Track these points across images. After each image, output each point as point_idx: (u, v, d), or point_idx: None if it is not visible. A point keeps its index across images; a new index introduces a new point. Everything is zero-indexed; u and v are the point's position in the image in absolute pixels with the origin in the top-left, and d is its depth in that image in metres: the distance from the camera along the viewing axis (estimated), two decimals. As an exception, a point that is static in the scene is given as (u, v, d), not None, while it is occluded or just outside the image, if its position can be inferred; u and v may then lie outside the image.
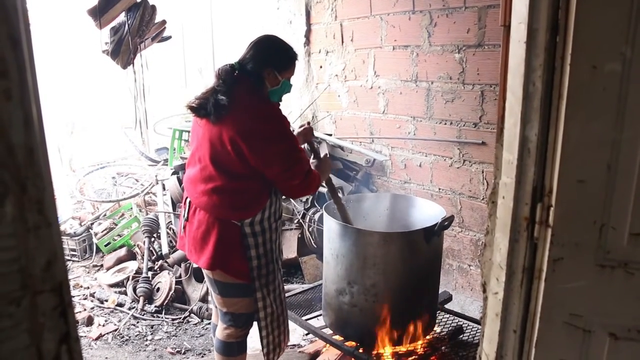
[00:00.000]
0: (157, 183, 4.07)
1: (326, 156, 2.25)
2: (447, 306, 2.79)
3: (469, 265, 3.15)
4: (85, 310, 3.19)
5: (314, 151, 2.29)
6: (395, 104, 3.37)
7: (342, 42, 3.67)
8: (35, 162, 0.55)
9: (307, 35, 3.95)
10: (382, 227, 2.64)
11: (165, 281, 3.28)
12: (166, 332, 3.01)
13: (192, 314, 3.19)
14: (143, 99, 4.33)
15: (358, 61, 3.57)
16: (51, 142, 4.73)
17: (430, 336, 2.44)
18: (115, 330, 2.99)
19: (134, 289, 3.28)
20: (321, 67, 3.91)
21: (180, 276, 3.35)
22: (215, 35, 6.80)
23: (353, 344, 2.32)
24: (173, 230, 3.64)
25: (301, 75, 4.03)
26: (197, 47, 6.89)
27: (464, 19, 2.84)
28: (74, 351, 0.62)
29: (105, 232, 3.92)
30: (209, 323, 2.90)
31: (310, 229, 3.55)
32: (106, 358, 2.74)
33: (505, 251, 1.12)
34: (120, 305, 3.25)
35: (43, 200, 0.56)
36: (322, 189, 3.43)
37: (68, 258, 3.86)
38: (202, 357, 2.79)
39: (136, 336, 2.95)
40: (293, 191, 2.05)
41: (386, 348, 2.29)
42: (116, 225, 3.99)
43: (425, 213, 2.50)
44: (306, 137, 2.25)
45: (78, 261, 3.89)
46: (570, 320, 1.08)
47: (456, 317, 2.63)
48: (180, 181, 3.65)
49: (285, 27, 4.09)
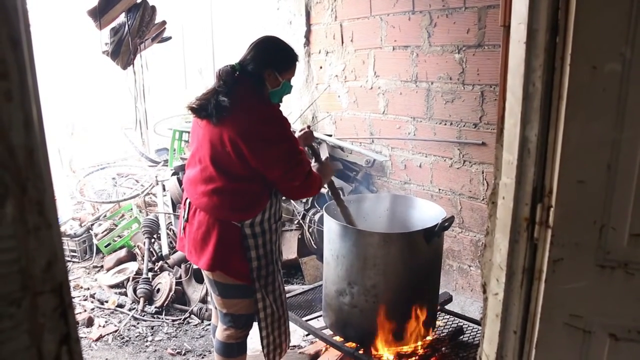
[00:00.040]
0: (157, 184, 4.07)
1: (327, 159, 2.24)
2: (448, 307, 2.79)
3: (469, 266, 3.15)
4: (85, 311, 3.19)
5: (316, 154, 2.29)
6: (395, 105, 3.37)
7: (342, 43, 3.67)
8: (35, 163, 0.55)
9: (307, 35, 3.95)
10: (382, 228, 2.64)
11: (165, 282, 3.28)
12: (166, 333, 3.01)
13: (193, 315, 3.19)
14: (143, 100, 4.33)
15: (358, 62, 3.57)
16: (51, 143, 4.75)
17: (430, 337, 2.44)
18: (115, 331, 2.99)
19: (134, 290, 3.28)
20: (321, 68, 3.91)
21: (180, 277, 3.34)
22: (215, 35, 6.81)
23: (353, 345, 2.32)
24: (173, 231, 3.64)
25: (301, 75, 4.03)
26: (197, 48, 6.90)
27: (464, 20, 2.84)
28: (75, 352, 0.62)
29: (105, 233, 3.91)
30: (209, 324, 2.89)
31: (310, 230, 3.55)
32: (106, 359, 2.74)
33: (505, 252, 1.12)
34: (120, 306, 3.25)
35: (43, 201, 0.56)
36: (323, 190, 3.44)
37: (68, 259, 3.86)
38: (202, 358, 2.79)
39: (136, 337, 2.95)
40: (294, 192, 2.05)
41: (386, 349, 2.29)
42: (116, 226, 3.99)
43: (425, 214, 2.50)
44: (307, 141, 2.25)
45: (78, 262, 3.89)
46: (570, 321, 1.08)
47: (456, 318, 2.63)
48: (180, 182, 3.65)
49: (285, 28, 4.09)
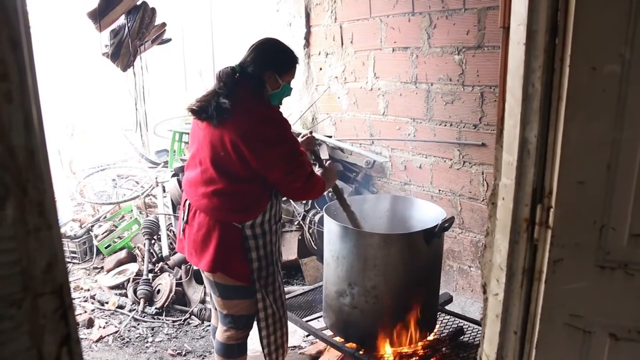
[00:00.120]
0: (157, 185, 4.07)
1: (330, 163, 2.23)
2: (448, 307, 2.79)
3: (470, 266, 3.14)
4: (85, 312, 3.19)
5: (318, 160, 2.28)
6: (395, 106, 3.37)
7: (342, 44, 3.67)
8: (35, 165, 0.55)
9: (307, 37, 3.96)
10: (383, 229, 2.64)
11: (165, 283, 3.28)
12: (167, 334, 3.01)
13: (193, 316, 3.19)
14: (143, 102, 4.33)
15: (358, 63, 3.57)
16: (52, 145, 4.75)
17: (430, 337, 2.44)
18: (115, 332, 2.99)
19: (135, 291, 3.28)
20: (321, 69, 3.92)
21: (180, 278, 3.34)
22: (215, 37, 6.81)
23: (354, 346, 2.32)
24: (173, 232, 3.64)
25: (301, 77, 4.03)
26: (197, 50, 6.90)
27: (464, 21, 2.85)
28: (75, 353, 0.62)
29: (105, 235, 3.91)
30: (210, 325, 2.89)
31: (310, 231, 3.55)
32: (106, 360, 2.74)
33: (505, 252, 1.12)
34: (120, 307, 3.25)
35: (44, 202, 0.56)
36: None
37: (68, 260, 3.86)
38: (203, 359, 2.79)
39: (137, 338, 2.95)
40: (295, 194, 2.05)
41: (387, 349, 2.29)
42: (116, 227, 3.99)
43: (425, 214, 2.50)
44: (309, 146, 2.23)
45: (78, 263, 3.89)
46: (570, 321, 1.08)
47: (457, 318, 2.63)
48: (180, 183, 3.65)
49: (284, 30, 4.09)
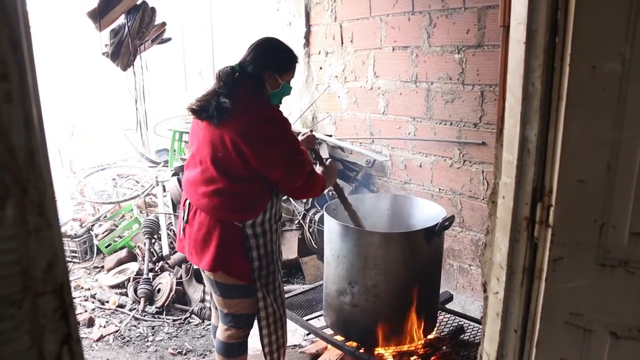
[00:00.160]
0: (158, 184, 4.07)
1: (331, 162, 2.23)
2: (448, 306, 2.79)
3: (470, 265, 3.15)
4: (86, 311, 3.20)
5: (319, 158, 2.28)
6: (395, 105, 3.37)
7: (342, 43, 3.67)
8: (36, 164, 0.55)
9: (307, 36, 3.95)
10: (383, 228, 2.64)
11: (166, 282, 3.29)
12: (167, 333, 3.01)
13: (193, 315, 3.19)
14: (143, 101, 4.33)
15: (358, 62, 3.57)
16: (52, 144, 4.75)
17: (431, 336, 2.44)
18: (116, 331, 2.99)
19: (135, 290, 3.28)
20: (321, 69, 3.91)
21: (181, 277, 3.35)
22: (215, 36, 6.80)
23: (354, 344, 2.33)
24: (173, 231, 3.64)
25: (301, 76, 4.03)
26: (197, 49, 6.90)
27: (464, 20, 2.84)
28: (76, 352, 0.62)
29: (105, 234, 3.92)
30: (210, 324, 2.90)
31: (310, 230, 3.55)
32: (107, 359, 2.74)
33: (505, 251, 1.12)
34: (121, 306, 3.26)
35: (44, 202, 0.56)
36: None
37: (69, 260, 3.86)
38: (203, 358, 2.79)
39: (137, 337, 2.96)
40: (296, 193, 2.05)
41: (387, 348, 2.29)
42: (117, 226, 3.99)
43: (425, 213, 2.50)
44: (309, 145, 2.23)
45: (79, 263, 3.89)
46: (570, 319, 1.08)
47: (457, 317, 2.63)
48: (180, 182, 3.65)
49: (284, 29, 4.09)
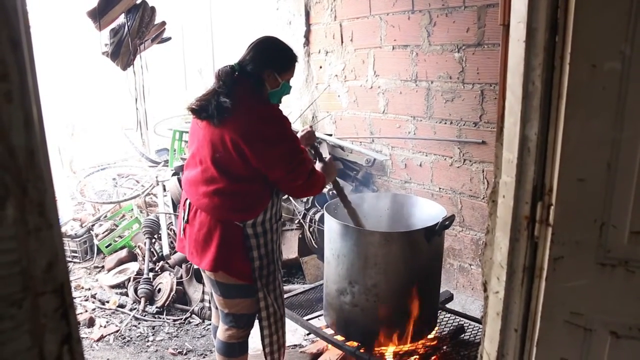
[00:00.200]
0: (158, 184, 4.07)
1: (331, 159, 2.23)
2: (449, 305, 2.79)
3: (470, 264, 3.15)
4: (86, 311, 3.20)
5: (318, 154, 2.28)
6: (395, 104, 3.37)
7: (342, 42, 3.67)
8: (36, 164, 0.55)
9: (307, 35, 3.95)
10: (383, 227, 2.64)
11: (166, 282, 3.29)
12: (167, 333, 3.01)
13: (194, 315, 3.19)
14: (143, 101, 4.33)
15: (358, 61, 3.57)
16: (52, 144, 4.75)
17: (431, 335, 2.44)
18: (116, 331, 2.99)
19: (135, 290, 3.29)
20: (321, 68, 3.91)
21: (181, 277, 3.35)
22: (215, 36, 6.80)
23: (354, 344, 2.33)
24: (174, 231, 3.64)
25: (301, 75, 4.03)
26: (197, 48, 6.89)
27: (464, 18, 2.84)
28: (76, 352, 0.62)
29: (106, 234, 3.92)
30: (210, 324, 2.90)
31: (311, 229, 3.55)
32: (108, 359, 2.74)
33: (505, 250, 1.12)
34: (121, 306, 3.26)
35: (44, 202, 0.56)
36: (324, 189, 3.43)
37: (69, 260, 3.86)
38: (204, 358, 2.79)
39: (137, 337, 2.96)
40: (296, 192, 2.05)
41: (387, 348, 2.29)
42: (117, 226, 3.99)
43: (426, 212, 2.50)
44: (309, 141, 2.23)
45: (79, 263, 3.89)
46: (571, 318, 1.08)
47: (457, 317, 2.63)
48: (180, 182, 3.64)
49: (284, 28, 4.09)
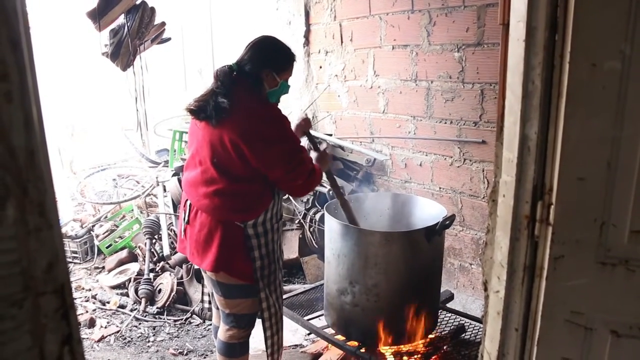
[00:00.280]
0: (158, 185, 4.07)
1: (325, 149, 2.23)
2: (449, 305, 2.79)
3: (470, 264, 3.15)
4: (87, 312, 3.20)
5: (313, 143, 2.26)
6: (395, 104, 3.37)
7: (342, 42, 3.67)
8: (36, 165, 0.55)
9: (307, 35, 3.95)
10: (384, 227, 2.64)
11: (166, 282, 3.29)
12: (168, 334, 3.01)
13: (194, 315, 3.19)
14: (143, 101, 4.34)
15: (357, 61, 3.57)
16: (52, 145, 4.75)
17: (432, 335, 2.44)
18: (117, 331, 2.99)
19: (136, 291, 3.29)
20: (321, 68, 3.91)
21: (181, 277, 3.35)
22: (214, 36, 6.80)
23: (355, 344, 2.33)
24: (174, 231, 3.64)
25: (301, 75, 4.03)
26: (197, 49, 6.89)
27: (463, 18, 2.84)
28: (77, 352, 0.62)
29: (106, 234, 3.92)
30: (211, 324, 2.90)
31: (311, 229, 3.55)
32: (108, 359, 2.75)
33: (506, 249, 1.12)
34: (122, 307, 3.26)
35: (44, 202, 0.56)
36: (324, 189, 3.44)
37: (69, 260, 3.86)
38: (205, 358, 2.79)
39: (138, 337, 2.96)
40: (296, 191, 2.06)
41: (388, 347, 2.29)
42: (117, 227, 3.99)
43: (426, 212, 2.50)
44: (305, 128, 2.24)
45: (79, 263, 3.89)
46: (571, 318, 1.08)
47: (458, 316, 2.63)
48: (181, 182, 3.64)
49: (284, 28, 4.09)
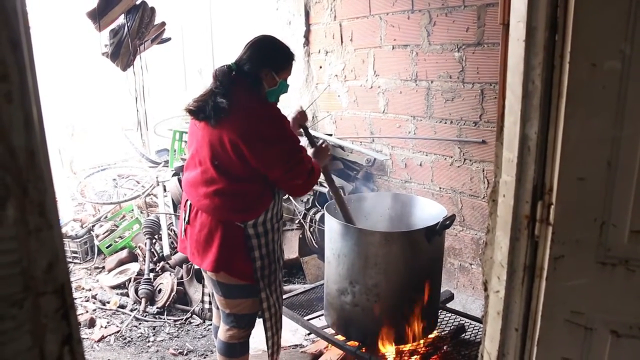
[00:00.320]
0: (158, 184, 4.07)
1: (322, 144, 2.21)
2: (449, 305, 2.79)
3: (471, 264, 3.15)
4: (87, 312, 3.20)
5: (309, 137, 2.24)
6: (395, 104, 3.37)
7: (342, 42, 3.67)
8: (36, 165, 0.55)
9: (307, 35, 3.95)
10: (384, 227, 2.64)
11: (166, 282, 3.29)
12: (168, 334, 3.01)
13: (194, 315, 3.19)
14: (143, 101, 4.34)
15: (358, 61, 3.57)
16: (52, 145, 4.75)
17: (432, 335, 2.44)
18: (117, 332, 2.99)
19: (136, 291, 3.29)
20: (321, 67, 3.91)
21: (181, 277, 3.35)
22: (214, 36, 6.80)
23: (355, 344, 2.33)
24: (174, 231, 3.64)
25: (301, 75, 4.03)
26: (197, 49, 6.89)
27: (463, 18, 2.84)
28: (77, 352, 0.62)
29: (106, 234, 3.92)
30: (211, 324, 2.90)
31: (311, 229, 3.55)
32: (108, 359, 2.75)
33: (506, 249, 1.12)
34: (122, 307, 3.26)
35: (44, 202, 0.56)
36: (324, 189, 3.43)
37: (70, 260, 3.86)
38: (205, 358, 2.79)
39: (138, 338, 2.96)
40: (296, 190, 2.05)
41: (388, 347, 2.29)
42: (117, 227, 3.99)
43: (426, 212, 2.50)
44: (302, 121, 2.22)
45: (80, 263, 3.89)
46: (571, 318, 1.08)
47: (458, 316, 2.63)
48: (181, 182, 3.64)
49: (284, 28, 4.09)
